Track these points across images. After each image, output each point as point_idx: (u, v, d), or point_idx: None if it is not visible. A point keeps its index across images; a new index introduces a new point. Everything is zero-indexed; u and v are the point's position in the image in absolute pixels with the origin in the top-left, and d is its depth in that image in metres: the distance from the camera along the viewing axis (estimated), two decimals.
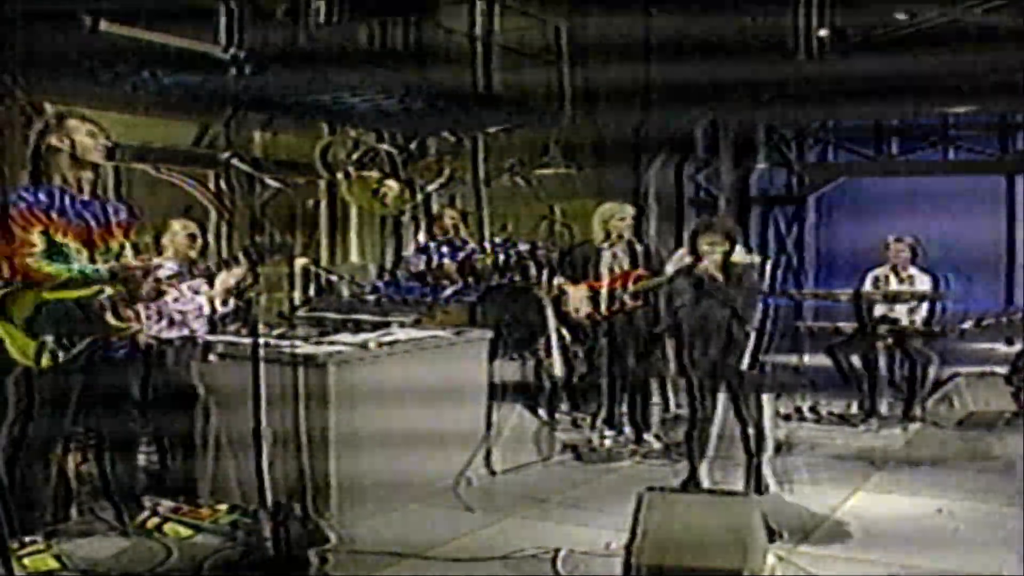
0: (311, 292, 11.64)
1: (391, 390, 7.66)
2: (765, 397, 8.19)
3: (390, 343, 7.86)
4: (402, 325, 8.97)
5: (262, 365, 7.16)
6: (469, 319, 10.12)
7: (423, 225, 11.84)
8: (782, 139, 18.61)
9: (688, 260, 8.16)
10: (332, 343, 7.86)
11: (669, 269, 9.28)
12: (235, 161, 6.36)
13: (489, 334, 8.81)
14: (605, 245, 9.89)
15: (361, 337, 7.98)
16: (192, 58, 9.71)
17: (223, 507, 7.15)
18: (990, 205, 17.74)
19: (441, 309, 10.01)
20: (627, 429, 9.80)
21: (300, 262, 10.35)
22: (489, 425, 8.60)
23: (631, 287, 9.83)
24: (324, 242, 13.52)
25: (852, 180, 18.52)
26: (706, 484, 7.77)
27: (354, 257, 13.51)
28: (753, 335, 6.90)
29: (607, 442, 9.45)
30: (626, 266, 9.89)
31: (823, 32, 13.91)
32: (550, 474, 8.85)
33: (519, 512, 7.75)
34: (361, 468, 7.44)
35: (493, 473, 8.62)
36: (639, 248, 10.00)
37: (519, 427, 8.95)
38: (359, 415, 7.42)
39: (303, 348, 7.56)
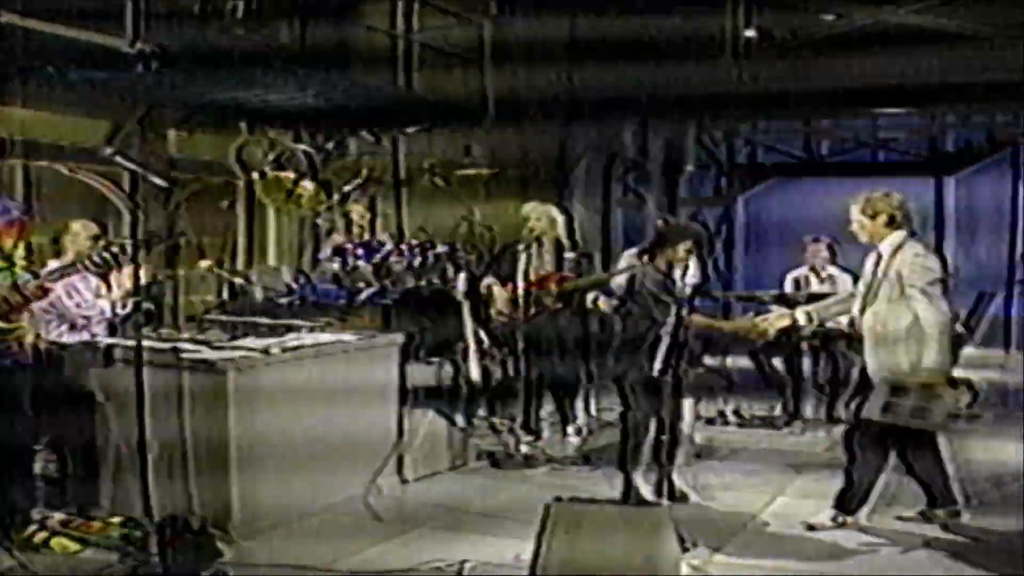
0: (225, 295, 11.27)
1: (295, 397, 7.42)
2: (685, 402, 8.08)
3: (294, 348, 7.58)
4: (312, 329, 8.66)
5: (161, 371, 6.99)
6: (384, 322, 9.85)
7: (340, 226, 11.48)
8: (711, 140, 18.46)
9: (639, 263, 8.07)
10: (236, 348, 7.56)
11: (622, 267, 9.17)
12: (118, 158, 6.06)
13: (400, 338, 8.60)
14: (520, 247, 9.79)
15: (264, 342, 7.68)
16: (98, 53, 9.37)
17: (116, 520, 6.85)
18: (920, 206, 17.33)
19: (354, 312, 9.72)
20: (546, 434, 9.72)
21: (203, 264, 10.04)
22: (401, 432, 8.41)
23: (553, 288, 9.75)
24: (242, 243, 13.14)
25: (782, 181, 18.44)
26: (645, 492, 7.56)
27: (272, 259, 13.19)
28: (667, 339, 6.66)
29: (524, 448, 9.25)
30: (549, 267, 9.81)
31: (750, 33, 13.67)
32: (464, 482, 8.69)
33: (430, 522, 7.56)
34: (263, 479, 7.18)
35: (405, 481, 8.44)
36: (568, 249, 9.90)
37: (432, 434, 8.78)
38: (261, 423, 7.17)
39: (202, 353, 7.26)
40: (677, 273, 7.92)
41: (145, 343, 7.43)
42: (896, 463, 7.30)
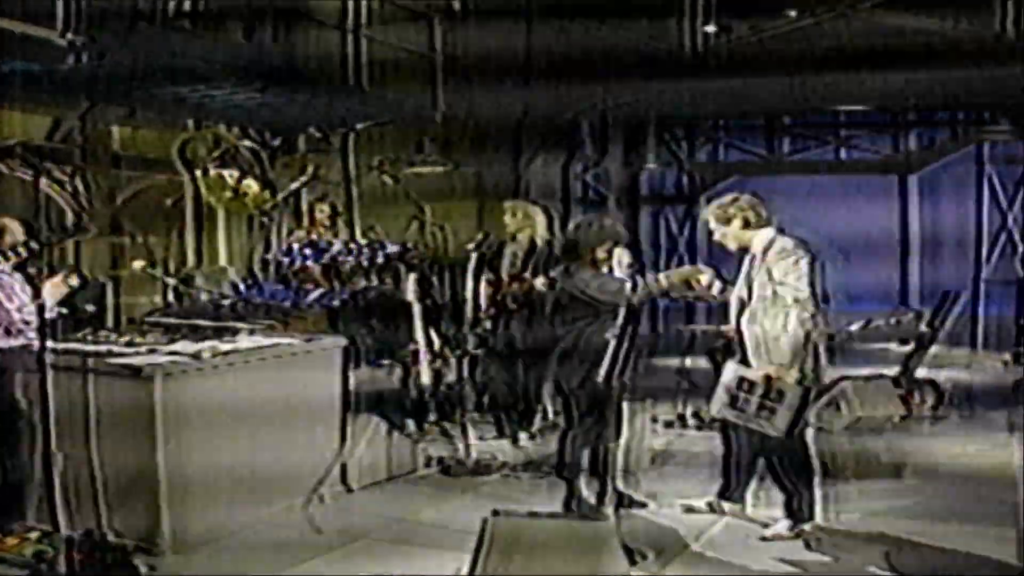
0: (170, 296, 10.96)
1: (229, 403, 7.10)
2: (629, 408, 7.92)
3: (227, 352, 7.22)
4: (252, 332, 8.32)
5: (83, 377, 6.67)
6: (331, 325, 9.66)
7: (287, 225, 11.22)
8: (673, 137, 18.32)
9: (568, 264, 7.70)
10: (169, 352, 7.19)
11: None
12: (19, 150, 5.73)
13: (343, 341, 8.31)
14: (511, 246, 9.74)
15: (197, 346, 7.32)
16: (30, 44, 9.02)
17: (34, 536, 6.47)
18: (883, 204, 17.49)
19: (298, 315, 9.47)
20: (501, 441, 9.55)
21: (136, 264, 9.72)
22: (344, 439, 8.09)
23: (513, 289, 9.64)
24: (191, 242, 12.82)
25: (744, 179, 17.83)
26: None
27: (223, 259, 12.86)
28: (613, 343, 6.40)
29: (474, 454, 8.97)
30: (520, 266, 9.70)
31: (710, 28, 13.41)
32: (412, 491, 8.39)
33: (372, 534, 7.28)
34: (195, 490, 6.86)
35: (349, 491, 8.14)
36: (545, 248, 9.74)
37: (378, 440, 8.49)
38: (191, 432, 6.83)
39: (129, 358, 6.90)
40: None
41: (73, 347, 7.18)
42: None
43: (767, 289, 6.76)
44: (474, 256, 9.38)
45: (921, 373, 11.03)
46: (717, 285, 7.18)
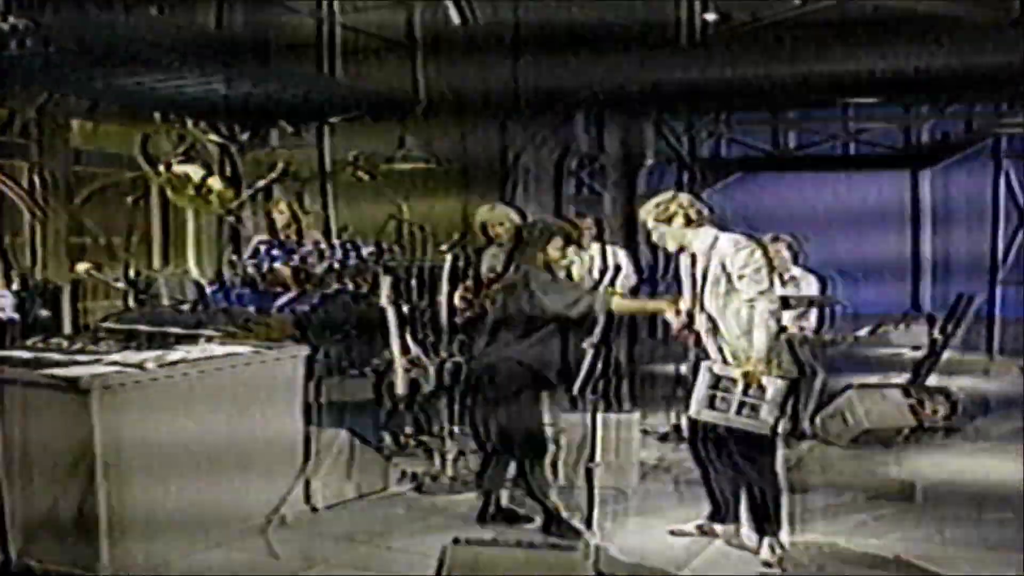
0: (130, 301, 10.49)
1: (176, 419, 6.76)
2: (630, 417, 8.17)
3: (175, 363, 6.87)
4: (209, 339, 8.04)
5: (18, 388, 6.34)
6: (300, 331, 9.36)
7: (259, 225, 10.97)
8: (672, 132, 18.04)
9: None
10: (111, 363, 6.84)
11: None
12: None
13: (305, 350, 8.03)
14: (491, 248, 9.40)
15: (142, 355, 6.98)
16: None
17: None
18: (894, 201, 17.28)
19: (262, 320, 9.18)
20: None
21: (80, 267, 9.46)
22: (308, 454, 7.79)
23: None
24: (157, 243, 12.55)
25: (748, 176, 18.03)
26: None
27: (191, 260, 12.61)
28: (590, 353, 6.16)
29: (449, 470, 8.65)
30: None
31: (710, 16, 13.17)
32: (381, 510, 8.06)
33: (335, 556, 7.01)
34: (137, 514, 6.53)
35: (314, 510, 7.83)
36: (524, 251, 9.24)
37: (347, 456, 8.15)
38: (133, 449, 6.50)
39: (67, 369, 6.55)
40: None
41: (10, 355, 6.87)
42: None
43: (721, 285, 6.71)
44: (449, 258, 9.09)
45: (933, 381, 10.91)
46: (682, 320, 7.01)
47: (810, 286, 10.34)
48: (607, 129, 17.01)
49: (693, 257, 6.85)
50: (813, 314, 10.20)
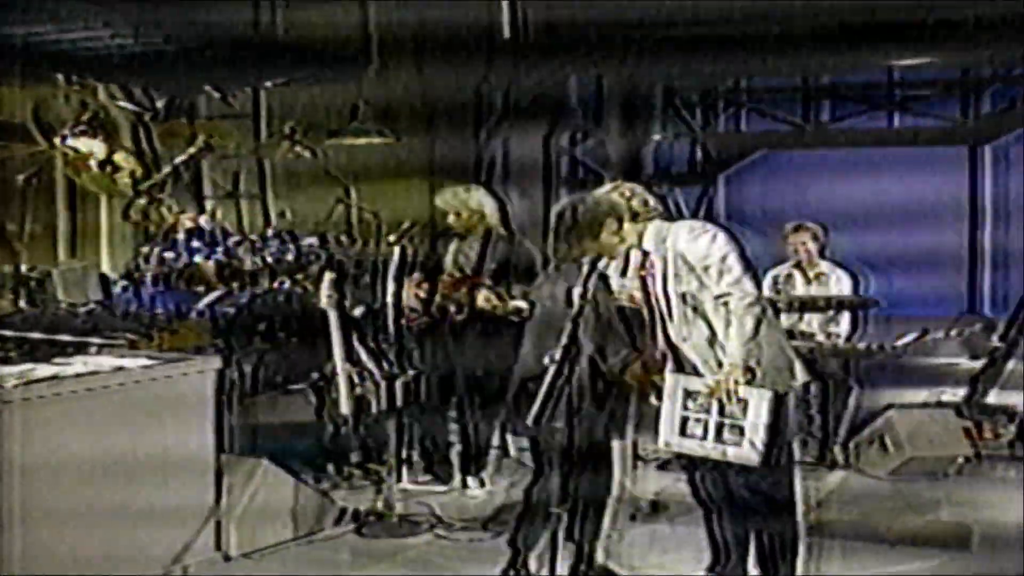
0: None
1: (51, 448, 6.49)
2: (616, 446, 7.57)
3: (45, 380, 6.63)
4: (100, 350, 7.97)
5: None
6: (224, 338, 9.56)
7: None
8: (684, 102, 18.04)
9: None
10: None
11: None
12: None
13: (216, 362, 7.73)
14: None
15: (7, 369, 6.79)
16: None
17: None
18: (948, 183, 17.17)
19: (168, 326, 9.19)
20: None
21: None
22: (220, 492, 7.55)
23: (463, 294, 9.28)
24: (63, 230, 12.53)
25: (773, 154, 17.97)
26: None
27: (104, 251, 12.65)
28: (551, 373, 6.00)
29: (398, 506, 8.49)
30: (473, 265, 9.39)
31: None
32: (312, 558, 7.83)
33: None
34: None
35: (227, 558, 7.59)
36: (501, 244, 9.41)
37: (271, 491, 7.90)
38: None
39: None
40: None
41: None
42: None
43: (684, 284, 6.46)
44: (396, 251, 9.00)
45: (994, 398, 10.68)
46: None
47: (841, 284, 10.36)
48: (606, 97, 17.02)
49: (644, 255, 6.63)
50: (845, 318, 10.19)
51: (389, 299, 8.88)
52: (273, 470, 7.93)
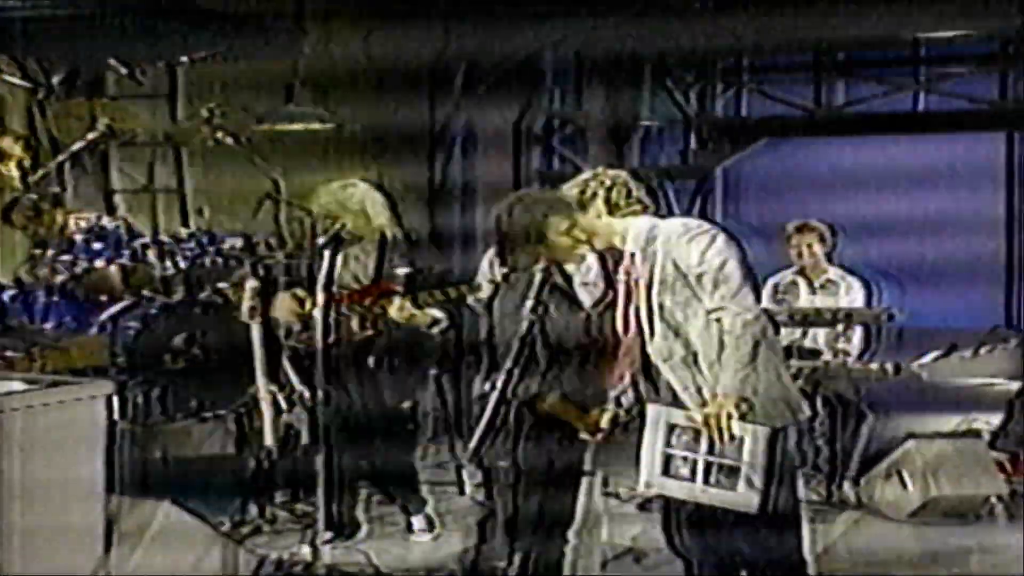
0: None
1: None
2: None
3: None
4: None
5: None
6: (127, 358, 9.63)
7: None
8: (677, 82, 17.93)
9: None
10: None
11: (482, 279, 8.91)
12: None
13: (106, 387, 7.53)
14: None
15: None
16: None
17: None
18: (983, 176, 17.03)
19: (53, 344, 9.24)
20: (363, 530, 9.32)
21: None
22: (109, 543, 7.35)
23: (368, 306, 9.23)
24: None
25: (779, 142, 17.92)
26: None
27: None
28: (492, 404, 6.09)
29: (326, 554, 8.27)
30: (370, 274, 9.34)
31: None
32: None
33: None
34: None
35: None
36: (399, 247, 9.43)
37: (174, 538, 7.68)
38: None
39: None
40: None
41: None
42: None
43: (677, 291, 6.40)
44: (326, 255, 8.81)
45: None
46: None
47: (853, 293, 10.49)
48: (586, 75, 17.02)
49: (630, 258, 6.63)
50: (857, 332, 10.23)
51: (318, 312, 8.64)
52: (176, 513, 7.71)
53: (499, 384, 6.07)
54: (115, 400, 7.75)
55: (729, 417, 6.17)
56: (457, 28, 13.96)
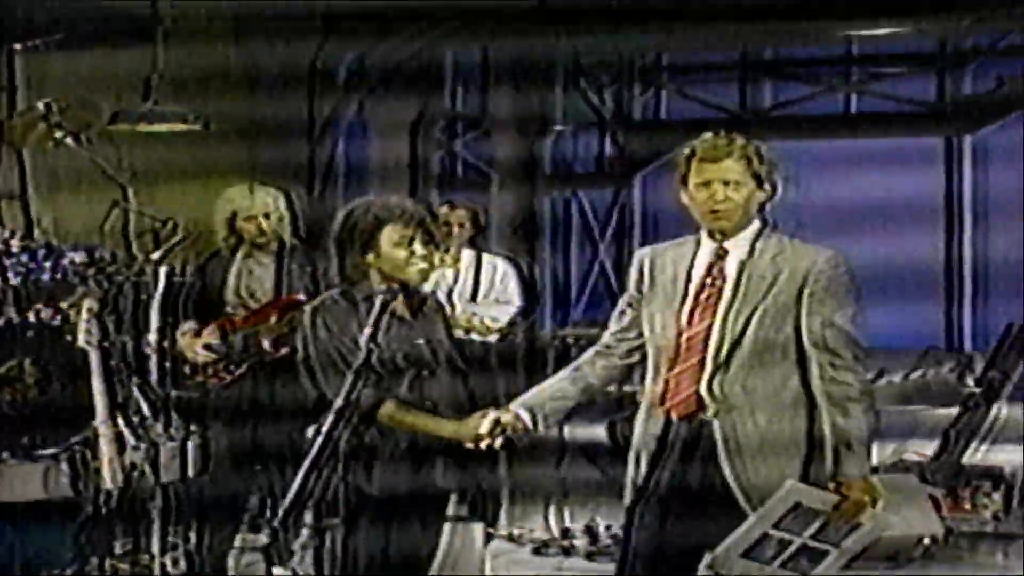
0: None
1: None
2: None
3: None
4: None
5: None
6: None
7: None
8: (592, 83, 17.97)
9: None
10: None
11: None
12: None
13: None
14: (238, 256, 9.70)
15: None
16: None
17: None
18: (920, 182, 16.83)
19: None
20: None
21: None
22: None
23: (272, 323, 9.22)
24: None
25: None
26: None
27: None
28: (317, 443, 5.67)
29: None
30: (268, 288, 9.42)
31: None
32: None
33: None
34: None
35: None
36: (299, 256, 9.53)
37: None
38: None
39: None
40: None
41: None
42: None
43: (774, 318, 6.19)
44: (163, 273, 8.97)
45: (975, 456, 10.61)
46: None
47: None
48: (493, 74, 17.00)
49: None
50: None
51: (152, 337, 8.69)
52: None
53: (326, 427, 5.57)
54: None
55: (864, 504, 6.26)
56: (341, 22, 13.98)
